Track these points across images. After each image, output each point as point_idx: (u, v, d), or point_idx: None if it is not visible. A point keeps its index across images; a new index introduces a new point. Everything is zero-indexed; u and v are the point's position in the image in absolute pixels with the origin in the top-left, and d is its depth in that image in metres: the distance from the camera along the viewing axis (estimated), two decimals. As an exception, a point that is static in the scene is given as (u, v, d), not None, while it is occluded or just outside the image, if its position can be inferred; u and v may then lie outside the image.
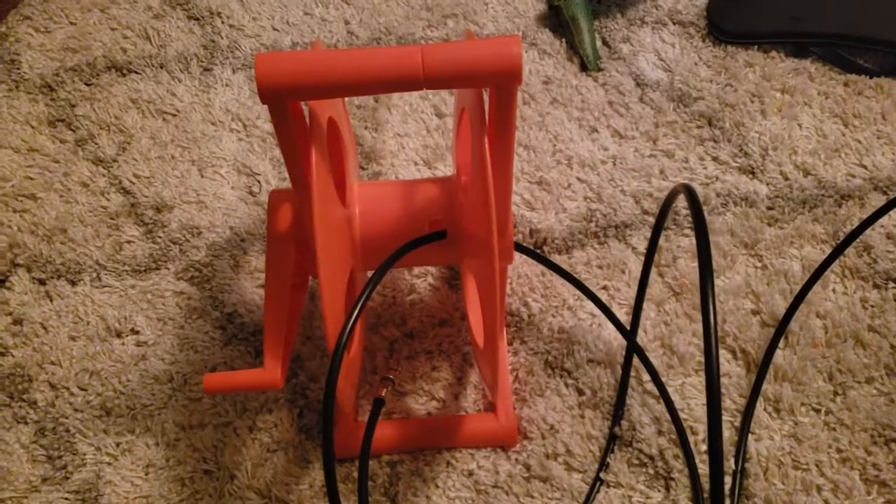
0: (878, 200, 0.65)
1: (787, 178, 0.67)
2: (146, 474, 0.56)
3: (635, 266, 0.63)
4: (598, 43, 0.76)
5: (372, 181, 0.67)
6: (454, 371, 0.59)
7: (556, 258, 0.64)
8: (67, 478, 0.56)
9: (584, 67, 0.74)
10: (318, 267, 0.42)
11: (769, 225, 0.64)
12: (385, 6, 0.80)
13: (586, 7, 0.75)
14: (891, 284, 0.61)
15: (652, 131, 0.70)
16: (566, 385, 0.58)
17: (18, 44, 0.78)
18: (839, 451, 0.54)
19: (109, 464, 0.56)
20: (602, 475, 0.54)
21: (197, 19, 0.79)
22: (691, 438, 0.55)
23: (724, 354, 0.59)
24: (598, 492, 0.54)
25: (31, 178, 0.70)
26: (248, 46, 0.77)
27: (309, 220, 0.43)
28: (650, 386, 0.57)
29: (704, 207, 0.65)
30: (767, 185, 0.67)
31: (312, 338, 0.60)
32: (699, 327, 0.59)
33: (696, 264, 0.53)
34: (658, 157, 0.69)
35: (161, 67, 0.76)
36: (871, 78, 0.72)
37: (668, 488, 0.54)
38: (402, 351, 0.60)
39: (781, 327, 0.59)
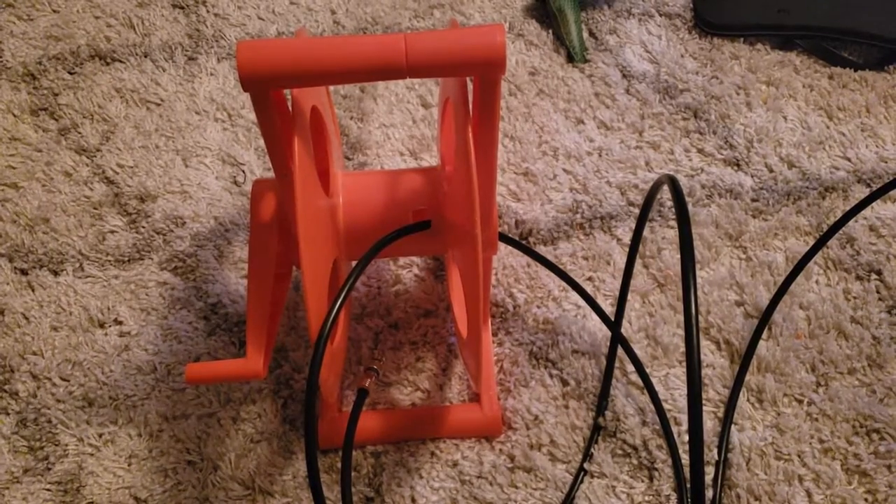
0: (861, 193, 0.65)
1: (771, 171, 0.67)
2: (129, 465, 0.56)
3: (620, 257, 0.63)
4: (585, 34, 0.76)
5: (356, 171, 0.67)
6: (439, 362, 0.59)
7: (542, 249, 0.64)
8: (49, 469, 0.56)
9: (570, 59, 0.74)
10: (300, 257, 0.42)
11: (753, 217, 0.65)
12: (371, -4, 0.79)
13: (573, -2, 0.75)
14: (873, 276, 0.61)
15: (638, 123, 0.70)
16: (551, 376, 0.58)
17: (0, 32, 0.78)
18: (821, 441, 0.55)
19: (92, 455, 0.56)
20: (586, 465, 0.54)
21: (182, 8, 0.79)
22: (675, 429, 0.55)
23: (707, 346, 0.59)
24: (581, 482, 0.54)
25: (13, 167, 0.69)
26: (234, 35, 0.77)
27: (291, 209, 0.43)
28: (634, 377, 0.57)
29: (689, 199, 0.65)
30: (752, 177, 0.67)
31: (297, 328, 0.60)
32: (683, 318, 0.59)
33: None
34: (644, 148, 0.69)
35: (145, 56, 0.75)
36: (855, 71, 0.72)
37: (651, 479, 0.54)
38: (386, 342, 0.60)
39: (765, 319, 0.59)
